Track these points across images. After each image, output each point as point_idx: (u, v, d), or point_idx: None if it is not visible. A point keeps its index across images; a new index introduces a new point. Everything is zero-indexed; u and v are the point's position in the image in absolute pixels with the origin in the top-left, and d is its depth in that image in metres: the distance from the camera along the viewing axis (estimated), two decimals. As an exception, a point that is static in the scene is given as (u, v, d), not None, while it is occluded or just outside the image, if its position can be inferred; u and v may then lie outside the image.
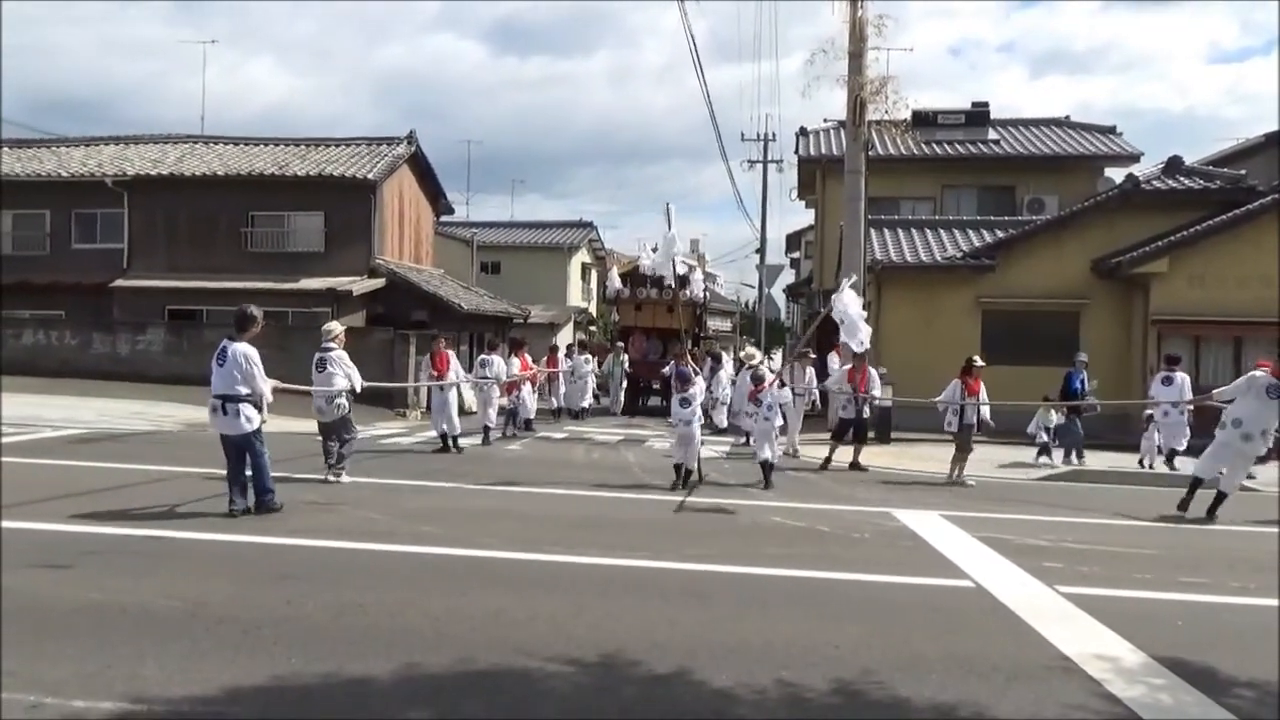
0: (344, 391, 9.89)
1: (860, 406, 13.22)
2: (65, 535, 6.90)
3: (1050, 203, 22.62)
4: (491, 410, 14.95)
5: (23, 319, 22.66)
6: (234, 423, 7.85)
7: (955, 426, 12.22)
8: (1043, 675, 4.65)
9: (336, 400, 9.89)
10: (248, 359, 7.83)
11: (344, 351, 10.02)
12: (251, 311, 8.13)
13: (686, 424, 10.66)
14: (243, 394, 7.83)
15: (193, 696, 4.00)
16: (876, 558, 7.35)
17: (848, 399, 13.24)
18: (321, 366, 9.93)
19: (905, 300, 18.95)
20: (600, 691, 4.28)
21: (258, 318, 8.15)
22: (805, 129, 26.34)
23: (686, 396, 10.83)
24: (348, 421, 10.06)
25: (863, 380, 13.29)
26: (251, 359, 7.85)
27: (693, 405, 10.78)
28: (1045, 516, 9.53)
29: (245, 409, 7.88)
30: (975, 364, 12.39)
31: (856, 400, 13.15)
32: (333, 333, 10.14)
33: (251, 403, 7.90)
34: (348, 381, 9.93)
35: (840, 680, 4.45)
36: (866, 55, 16.21)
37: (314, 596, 5.57)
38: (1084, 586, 6.45)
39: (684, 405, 10.77)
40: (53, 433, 13.52)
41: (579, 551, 7.09)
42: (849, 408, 13.27)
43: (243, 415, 7.85)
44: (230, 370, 7.82)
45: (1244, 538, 8.92)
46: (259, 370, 7.87)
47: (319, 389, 9.92)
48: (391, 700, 4.07)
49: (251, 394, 7.87)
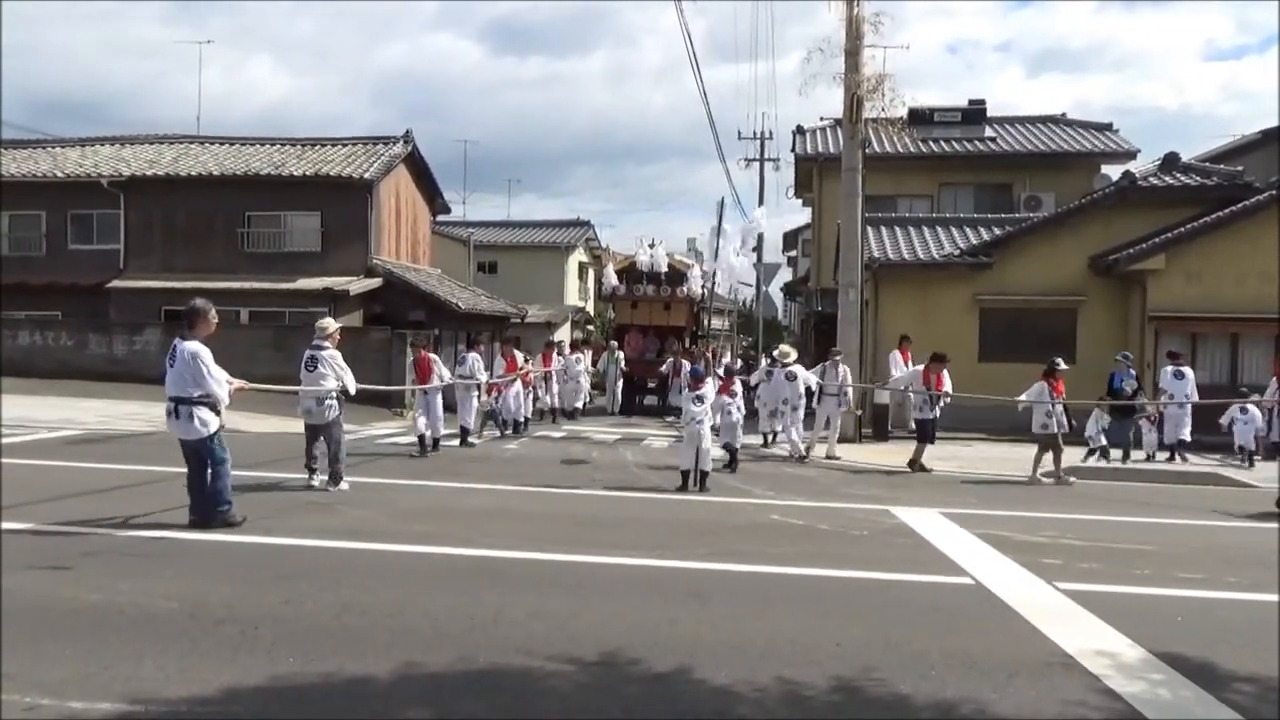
0: (334, 392, 9.41)
1: (935, 406, 12.99)
2: (63, 537, 6.88)
3: (1047, 200, 22.63)
4: (469, 411, 14.41)
5: (19, 320, 22.63)
6: (188, 426, 7.34)
7: (1050, 429, 12.08)
8: (1043, 671, 4.65)
9: (327, 401, 9.38)
10: (196, 358, 7.27)
11: (337, 351, 9.59)
12: (201, 306, 7.58)
13: (698, 423, 10.40)
14: (194, 396, 7.29)
15: (191, 697, 3.99)
16: (876, 556, 7.35)
17: (924, 400, 12.99)
18: (312, 365, 9.44)
19: (903, 298, 18.94)
20: (601, 690, 4.28)
21: (209, 313, 7.56)
22: (802, 127, 26.34)
23: (700, 394, 10.66)
24: (337, 426, 9.51)
25: (939, 381, 13.01)
26: (201, 358, 7.28)
27: (705, 404, 10.63)
28: (1043, 513, 9.54)
29: (199, 412, 7.32)
30: (1059, 366, 12.42)
31: (931, 400, 12.92)
32: (327, 330, 9.66)
33: (206, 405, 7.35)
34: (339, 383, 9.45)
35: (841, 678, 4.45)
36: (863, 53, 16.17)
37: (313, 596, 5.57)
38: (1083, 583, 6.45)
39: (697, 403, 10.58)
40: (50, 434, 13.49)
41: (578, 551, 7.09)
42: (925, 409, 13.02)
43: (196, 418, 7.32)
44: (180, 371, 7.32)
45: (1242, 533, 8.93)
46: (209, 369, 7.30)
47: (307, 389, 9.44)
48: (391, 700, 4.06)
49: (206, 396, 7.32)
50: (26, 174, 24.17)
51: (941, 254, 19.25)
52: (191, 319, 7.52)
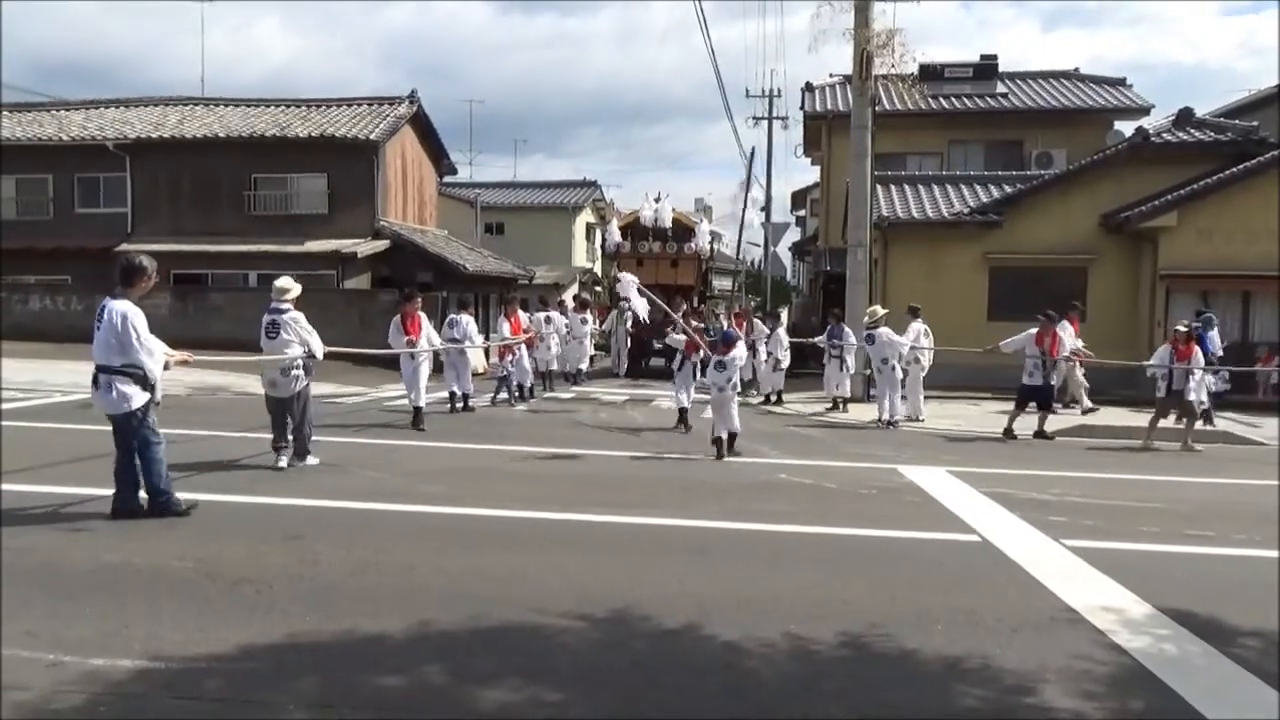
0: (299, 360, 8.34)
1: (1048, 373, 12.48)
2: (78, 498, 6.96)
3: (1058, 157, 22.38)
4: (461, 376, 13.40)
5: (28, 284, 22.71)
6: (106, 398, 6.31)
7: (1163, 392, 11.77)
8: (1049, 627, 4.70)
9: (294, 371, 8.34)
10: (126, 320, 6.19)
11: (299, 313, 8.46)
12: (139, 261, 6.48)
13: (720, 390, 9.89)
14: (116, 365, 6.25)
15: (210, 654, 4.06)
16: (883, 513, 7.40)
17: (1034, 365, 12.42)
18: (274, 331, 8.34)
19: (912, 257, 18.84)
20: (611, 646, 4.34)
21: (147, 268, 6.46)
22: (811, 85, 26.02)
23: (724, 360, 9.98)
24: (305, 399, 8.54)
25: (1054, 345, 12.39)
26: (131, 320, 6.20)
27: (728, 370, 9.96)
28: (1050, 471, 9.56)
29: (119, 384, 6.24)
30: (1183, 330, 11.94)
31: (1044, 366, 12.39)
32: (286, 291, 8.46)
33: (131, 376, 6.26)
34: (304, 349, 8.39)
35: (848, 633, 4.50)
36: (873, 8, 15.97)
37: (327, 556, 5.64)
38: (1089, 540, 6.49)
39: (719, 369, 9.95)
40: (62, 397, 13.58)
41: (588, 510, 7.15)
42: (1035, 374, 12.42)
43: (115, 390, 6.25)
44: (106, 335, 6.24)
45: (1248, 490, 8.94)
46: (139, 335, 6.22)
47: (270, 358, 8.39)
48: (406, 656, 4.13)
49: (133, 366, 6.26)
50: (32, 138, 24.10)
51: (951, 212, 19.09)
52: (128, 275, 6.41)
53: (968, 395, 16.27)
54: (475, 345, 13.61)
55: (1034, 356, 12.40)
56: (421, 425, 11.50)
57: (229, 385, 15.23)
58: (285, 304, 8.41)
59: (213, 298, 21.72)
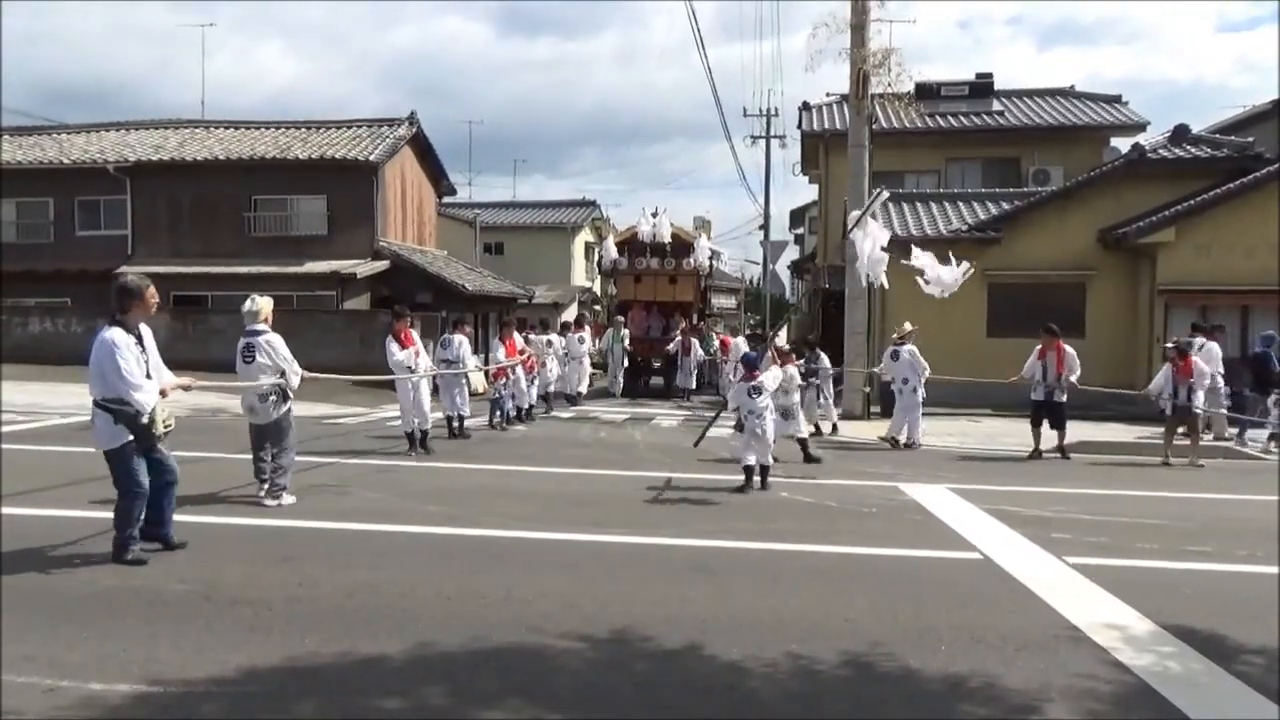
0: (275, 387, 7.74)
1: (1051, 389, 12.21)
2: (76, 521, 6.93)
3: (1055, 174, 22.45)
4: (458, 398, 12.85)
5: (29, 307, 22.74)
6: (92, 431, 5.95)
7: (1169, 410, 11.75)
8: (1052, 645, 4.68)
9: (271, 397, 7.76)
10: (110, 350, 5.71)
11: (276, 334, 7.87)
12: (130, 283, 5.97)
13: (759, 417, 9.17)
14: (98, 397, 5.82)
15: (208, 677, 4.04)
16: (885, 532, 7.37)
17: (1038, 381, 12.29)
18: (249, 355, 7.75)
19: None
20: (612, 666, 4.31)
21: (135, 289, 5.96)
22: (808, 104, 26.15)
23: (757, 385, 9.30)
24: (283, 428, 7.87)
25: (1059, 361, 12.18)
26: (118, 351, 5.71)
27: (764, 395, 9.31)
28: (1052, 488, 9.54)
29: (99, 418, 5.82)
30: (1172, 347, 12.00)
31: (1045, 379, 12.22)
32: (260, 312, 7.86)
33: (113, 413, 5.76)
34: (279, 376, 7.73)
35: (851, 653, 4.47)
36: (869, 28, 16.07)
37: (325, 577, 5.61)
38: (1092, 557, 6.47)
39: (754, 394, 9.25)
40: (61, 420, 13.57)
41: (588, 530, 7.13)
42: (1039, 390, 12.27)
43: (95, 424, 5.88)
44: (93, 365, 5.81)
45: (1250, 506, 8.92)
46: (123, 368, 5.70)
47: (245, 384, 7.81)
48: (405, 678, 4.11)
49: (116, 400, 5.75)
50: (33, 161, 24.23)
51: (949, 229, 19.11)
52: (122, 300, 5.92)
53: (968, 412, 16.26)
54: (467, 369, 13.22)
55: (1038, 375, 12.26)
56: (427, 448, 11.31)
57: (228, 407, 15.19)
58: (260, 325, 7.86)
59: (213, 319, 21.71)
